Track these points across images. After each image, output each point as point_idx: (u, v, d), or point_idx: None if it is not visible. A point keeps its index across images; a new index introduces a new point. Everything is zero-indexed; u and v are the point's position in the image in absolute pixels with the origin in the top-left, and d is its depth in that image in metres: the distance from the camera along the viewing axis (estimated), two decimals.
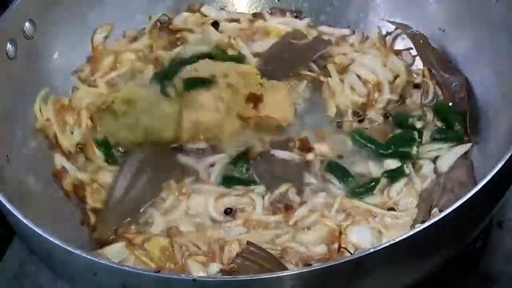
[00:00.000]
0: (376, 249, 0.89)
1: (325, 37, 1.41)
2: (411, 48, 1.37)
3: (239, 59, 1.36)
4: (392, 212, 1.15)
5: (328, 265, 0.89)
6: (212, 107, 1.26)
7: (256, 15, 1.46)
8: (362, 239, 1.12)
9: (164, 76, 1.32)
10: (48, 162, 1.24)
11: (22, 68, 1.24)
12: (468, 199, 0.94)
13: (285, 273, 0.92)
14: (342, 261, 0.89)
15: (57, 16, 1.31)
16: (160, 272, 0.91)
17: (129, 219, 1.16)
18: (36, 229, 0.96)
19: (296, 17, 1.46)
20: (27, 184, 1.17)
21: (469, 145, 1.21)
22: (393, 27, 1.39)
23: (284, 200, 1.18)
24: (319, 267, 0.89)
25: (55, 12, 1.31)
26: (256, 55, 1.38)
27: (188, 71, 1.31)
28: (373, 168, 1.22)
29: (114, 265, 0.92)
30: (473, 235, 1.07)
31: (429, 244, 0.95)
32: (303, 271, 0.90)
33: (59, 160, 1.24)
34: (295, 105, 1.31)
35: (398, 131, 1.27)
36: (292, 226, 1.14)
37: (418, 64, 1.35)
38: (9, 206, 1.00)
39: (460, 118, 1.24)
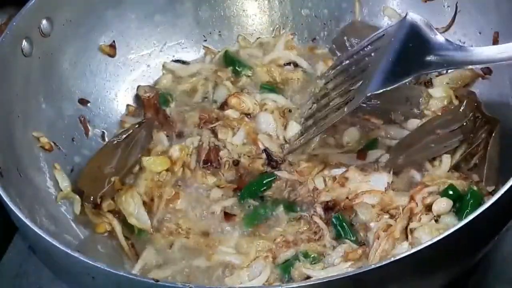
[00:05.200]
0: (377, 265, 0.86)
1: None
2: None
3: None
4: None
5: (327, 280, 0.87)
6: None
7: None
8: None
9: None
10: (58, 161, 1.23)
11: (38, 66, 1.24)
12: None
13: (285, 286, 0.90)
14: (342, 276, 0.87)
15: (74, 14, 1.30)
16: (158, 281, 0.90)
17: None
18: (37, 230, 0.96)
19: None
20: (35, 183, 1.16)
21: None
22: None
23: None
24: (318, 281, 0.87)
25: (73, 10, 1.29)
26: None
27: None
28: None
29: (110, 270, 0.91)
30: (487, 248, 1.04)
31: (436, 261, 0.92)
32: (301, 285, 0.88)
33: None
34: None
35: None
36: None
37: None
38: (11, 205, 0.99)
39: None
